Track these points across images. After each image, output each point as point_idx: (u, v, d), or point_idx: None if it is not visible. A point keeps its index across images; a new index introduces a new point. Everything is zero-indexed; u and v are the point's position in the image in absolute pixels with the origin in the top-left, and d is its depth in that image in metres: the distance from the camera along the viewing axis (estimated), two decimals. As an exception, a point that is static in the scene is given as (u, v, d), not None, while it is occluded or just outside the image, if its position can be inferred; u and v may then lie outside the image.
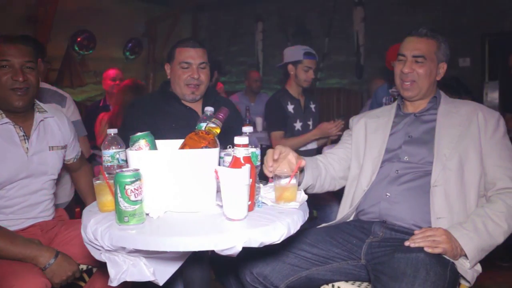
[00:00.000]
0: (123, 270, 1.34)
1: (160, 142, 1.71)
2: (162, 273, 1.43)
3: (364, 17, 6.67)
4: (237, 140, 1.43)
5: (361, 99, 6.62)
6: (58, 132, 2.10)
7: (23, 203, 1.97)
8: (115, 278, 1.33)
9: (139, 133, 1.61)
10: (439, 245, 1.56)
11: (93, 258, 1.41)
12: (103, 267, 1.36)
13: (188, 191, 1.47)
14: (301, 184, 1.84)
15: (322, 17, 7.19)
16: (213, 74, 3.78)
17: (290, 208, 1.48)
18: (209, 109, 1.80)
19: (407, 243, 1.60)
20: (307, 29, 7.33)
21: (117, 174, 1.34)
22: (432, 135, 1.87)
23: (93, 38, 6.77)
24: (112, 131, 1.69)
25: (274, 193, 1.55)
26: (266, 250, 1.42)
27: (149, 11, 7.74)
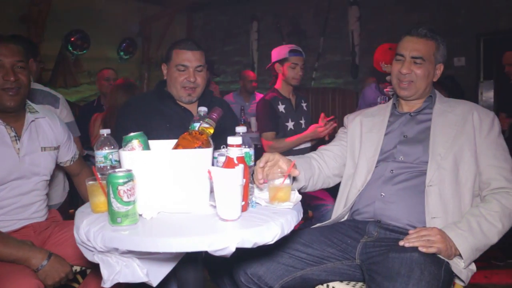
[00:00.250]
0: (116, 271, 1.33)
1: (153, 142, 1.70)
2: (155, 274, 1.42)
3: (359, 16, 6.68)
4: (230, 140, 1.42)
5: (356, 98, 6.60)
6: (50, 132, 2.09)
7: (15, 204, 1.95)
8: (108, 279, 1.32)
9: (132, 134, 1.60)
10: (434, 245, 1.56)
11: (86, 259, 1.40)
12: (96, 268, 1.35)
13: (182, 191, 1.46)
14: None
15: (317, 16, 7.19)
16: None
17: (284, 208, 1.47)
18: (202, 109, 1.78)
19: (401, 243, 1.60)
20: (302, 28, 7.34)
21: (109, 175, 1.33)
22: (427, 134, 1.87)
23: (87, 38, 6.76)
24: (105, 131, 1.68)
25: (268, 193, 1.55)
26: (261, 250, 1.41)
27: (144, 11, 7.73)
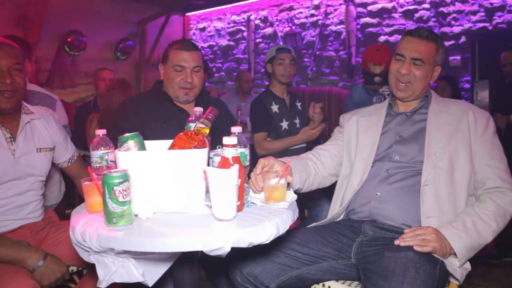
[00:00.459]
0: (112, 271, 1.33)
1: (149, 142, 1.71)
2: (151, 274, 1.42)
3: (356, 16, 6.68)
4: (225, 140, 1.42)
5: (353, 98, 6.62)
6: (46, 134, 2.08)
7: (10, 204, 1.95)
8: (104, 279, 1.32)
9: (128, 134, 1.60)
10: (429, 244, 1.56)
11: (83, 259, 1.40)
12: (93, 268, 1.35)
13: (177, 191, 1.46)
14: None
15: (313, 16, 7.19)
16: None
17: (279, 208, 1.48)
18: (198, 109, 1.78)
19: (396, 242, 1.61)
20: (298, 28, 7.33)
21: (105, 175, 1.33)
22: (422, 134, 1.88)
23: (84, 39, 6.73)
24: (100, 132, 1.68)
25: (264, 193, 1.55)
26: (257, 250, 1.42)
27: (140, 11, 7.71)
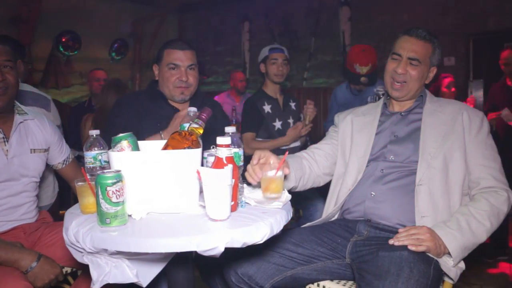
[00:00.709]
0: (105, 272, 1.33)
1: (142, 143, 1.70)
2: (145, 274, 1.42)
3: (350, 17, 6.68)
4: (219, 140, 1.42)
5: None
6: (40, 134, 2.07)
7: (4, 206, 1.94)
8: (98, 280, 1.32)
9: (121, 134, 1.60)
10: (423, 243, 1.57)
11: (77, 260, 1.39)
12: (87, 269, 1.35)
13: (171, 192, 1.46)
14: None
15: (308, 17, 7.20)
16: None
17: (273, 208, 1.48)
18: (192, 109, 1.78)
19: (391, 242, 1.62)
20: (294, 29, 7.34)
21: (98, 175, 1.32)
22: (417, 134, 1.88)
23: (78, 39, 6.73)
24: (94, 132, 1.68)
25: (261, 184, 1.55)
26: (251, 250, 1.42)
27: (135, 11, 7.70)
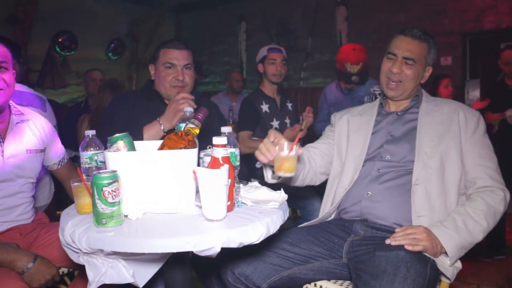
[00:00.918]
0: (101, 272, 1.33)
1: (138, 143, 1.70)
2: (142, 275, 1.41)
3: (347, 16, 6.69)
4: (215, 140, 1.42)
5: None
6: (36, 135, 2.06)
7: (0, 206, 1.93)
8: (94, 280, 1.32)
9: (117, 134, 1.59)
10: (420, 243, 1.57)
11: (73, 261, 1.39)
12: (84, 270, 1.35)
13: (167, 192, 1.46)
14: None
15: (305, 17, 7.20)
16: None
17: (270, 208, 1.48)
18: (188, 109, 1.78)
19: (387, 241, 1.62)
20: (291, 28, 7.34)
21: (94, 176, 1.32)
22: (413, 134, 1.88)
23: (75, 39, 6.71)
24: (89, 132, 1.67)
25: (274, 164, 1.58)
26: (248, 250, 1.42)
27: (132, 12, 7.69)
